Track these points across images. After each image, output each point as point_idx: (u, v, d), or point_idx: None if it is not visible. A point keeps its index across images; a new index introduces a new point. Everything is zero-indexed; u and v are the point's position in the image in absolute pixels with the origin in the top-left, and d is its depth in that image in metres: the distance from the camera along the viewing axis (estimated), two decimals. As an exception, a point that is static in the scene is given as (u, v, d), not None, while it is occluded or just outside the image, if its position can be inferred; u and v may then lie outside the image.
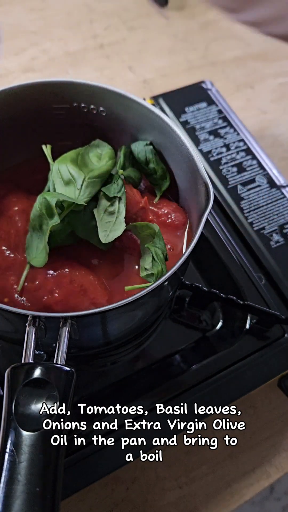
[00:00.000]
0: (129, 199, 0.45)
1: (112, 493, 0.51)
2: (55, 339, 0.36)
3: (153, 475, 0.52)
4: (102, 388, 0.51)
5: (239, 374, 0.51)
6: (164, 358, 0.54)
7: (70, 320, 0.36)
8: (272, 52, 0.92)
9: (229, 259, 0.57)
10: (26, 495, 0.29)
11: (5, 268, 0.43)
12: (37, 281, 0.42)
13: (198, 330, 0.56)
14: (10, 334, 0.44)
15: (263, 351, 0.53)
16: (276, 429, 0.56)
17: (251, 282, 0.56)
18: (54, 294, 0.41)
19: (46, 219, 0.41)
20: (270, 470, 0.54)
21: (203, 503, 0.52)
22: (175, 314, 0.56)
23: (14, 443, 0.30)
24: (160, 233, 0.44)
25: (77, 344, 0.43)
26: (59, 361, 0.35)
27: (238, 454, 0.54)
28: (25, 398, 0.31)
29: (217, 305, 0.57)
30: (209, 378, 0.51)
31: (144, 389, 0.51)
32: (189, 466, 0.53)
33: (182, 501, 0.51)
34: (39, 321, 0.36)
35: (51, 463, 0.30)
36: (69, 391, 0.33)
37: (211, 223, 0.59)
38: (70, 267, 0.43)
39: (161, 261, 0.43)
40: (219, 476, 0.53)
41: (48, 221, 0.41)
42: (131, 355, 0.53)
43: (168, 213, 0.49)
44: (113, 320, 0.41)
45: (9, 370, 0.33)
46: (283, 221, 0.61)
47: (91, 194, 0.44)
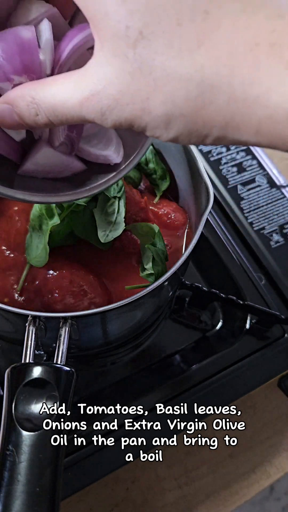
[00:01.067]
0: (129, 199, 0.45)
1: (112, 493, 0.51)
2: (55, 339, 0.36)
3: (153, 475, 0.52)
4: (102, 388, 0.51)
5: (239, 374, 0.51)
6: (164, 358, 0.54)
7: (70, 320, 0.36)
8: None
9: (229, 259, 0.57)
10: (26, 495, 0.29)
11: (5, 268, 0.43)
12: (37, 281, 0.42)
13: (198, 330, 0.56)
14: (10, 334, 0.44)
15: (263, 351, 0.53)
16: (276, 429, 0.56)
17: (251, 282, 0.56)
18: (54, 294, 0.41)
19: (46, 219, 0.41)
20: (270, 470, 0.54)
21: (203, 503, 0.52)
22: (175, 314, 0.56)
23: (14, 443, 0.30)
24: (160, 233, 0.44)
25: (77, 344, 0.43)
26: (59, 361, 0.35)
27: (238, 454, 0.54)
28: (25, 398, 0.31)
29: (217, 305, 0.57)
30: (209, 378, 0.51)
31: (144, 389, 0.51)
32: (189, 466, 0.53)
33: (182, 501, 0.51)
34: (39, 321, 0.36)
35: (51, 463, 0.30)
36: (69, 391, 0.33)
37: (211, 223, 0.59)
38: (70, 267, 0.43)
39: (161, 261, 0.43)
40: (219, 476, 0.53)
41: (48, 221, 0.41)
42: (131, 355, 0.53)
43: (168, 213, 0.49)
44: (113, 320, 0.41)
45: (9, 370, 0.33)
46: (283, 221, 0.61)
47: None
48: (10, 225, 0.45)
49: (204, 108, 0.21)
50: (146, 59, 0.21)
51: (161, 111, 0.22)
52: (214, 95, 0.21)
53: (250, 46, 0.20)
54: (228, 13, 0.20)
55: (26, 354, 0.35)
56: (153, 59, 0.21)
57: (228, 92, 0.21)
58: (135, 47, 0.21)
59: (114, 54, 0.22)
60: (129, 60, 0.22)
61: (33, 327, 0.35)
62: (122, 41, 0.21)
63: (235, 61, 0.20)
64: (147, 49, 0.21)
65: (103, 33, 0.22)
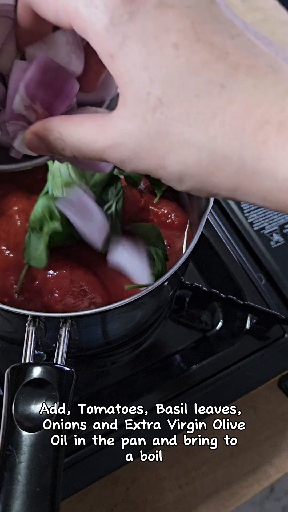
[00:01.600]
0: (129, 199, 0.45)
1: (112, 493, 0.51)
2: (55, 339, 0.36)
3: (153, 475, 0.52)
4: (102, 388, 0.51)
5: (239, 374, 0.51)
6: (164, 358, 0.54)
7: (70, 320, 0.36)
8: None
9: (229, 259, 0.57)
10: (26, 495, 0.29)
11: (4, 268, 0.43)
12: (36, 281, 0.42)
13: (198, 330, 0.56)
14: (10, 334, 0.44)
15: (263, 351, 0.53)
16: (276, 429, 0.56)
17: (251, 282, 0.56)
18: (54, 294, 0.41)
19: (48, 222, 0.41)
20: (270, 470, 0.54)
21: (203, 503, 0.52)
22: (175, 314, 0.56)
23: (14, 443, 0.30)
24: (160, 233, 0.44)
25: (77, 344, 0.43)
26: (59, 361, 0.34)
27: (238, 454, 0.54)
28: (25, 398, 0.31)
29: (217, 305, 0.57)
30: (209, 378, 0.51)
31: (144, 389, 0.51)
32: (189, 466, 0.53)
33: (182, 501, 0.51)
34: (39, 321, 0.36)
35: (51, 463, 0.30)
36: (69, 391, 0.33)
37: (211, 223, 0.59)
38: (70, 267, 0.43)
39: (161, 261, 0.43)
40: (219, 476, 0.53)
41: (49, 223, 0.41)
42: (131, 355, 0.53)
43: (168, 213, 0.49)
44: (113, 320, 0.41)
45: (9, 370, 0.33)
46: (283, 221, 0.61)
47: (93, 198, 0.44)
48: (10, 225, 0.45)
49: (214, 174, 0.23)
50: (163, 124, 0.23)
51: (174, 169, 0.24)
52: (225, 164, 0.23)
53: (260, 123, 0.22)
54: (242, 89, 0.22)
55: (26, 354, 0.35)
56: (170, 124, 0.23)
57: (238, 162, 0.23)
58: (154, 113, 0.23)
59: (135, 114, 0.24)
60: (148, 123, 0.24)
61: (33, 327, 0.35)
62: (143, 104, 0.23)
63: (246, 136, 0.22)
64: (165, 115, 0.23)
65: (126, 94, 0.24)
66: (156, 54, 0.23)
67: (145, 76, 0.23)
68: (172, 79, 0.23)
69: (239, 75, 0.22)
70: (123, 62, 0.23)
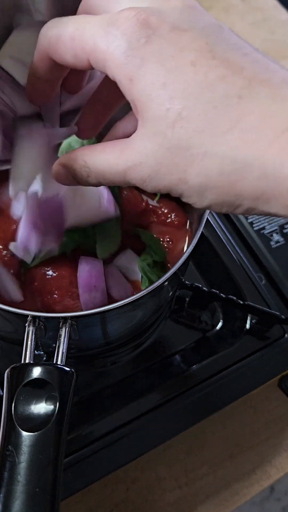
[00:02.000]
0: (130, 200, 0.45)
1: (112, 494, 0.51)
2: (55, 339, 0.36)
3: (153, 475, 0.52)
4: (102, 388, 0.51)
5: (239, 374, 0.51)
6: (164, 358, 0.54)
7: (70, 320, 0.36)
8: (273, 51, 0.92)
9: (229, 259, 0.57)
10: (25, 496, 0.29)
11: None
12: (35, 282, 0.42)
13: (198, 330, 0.56)
14: (10, 334, 0.44)
15: (263, 351, 0.53)
16: (276, 429, 0.56)
17: (251, 282, 0.56)
18: (54, 295, 0.41)
19: None
20: (270, 470, 0.54)
21: (203, 504, 0.52)
22: (175, 314, 0.56)
23: (14, 443, 0.30)
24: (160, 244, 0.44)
25: (77, 344, 0.43)
26: (59, 361, 0.34)
27: (238, 454, 0.54)
28: (25, 398, 0.31)
29: (217, 305, 0.57)
30: (209, 378, 0.51)
31: (145, 389, 0.51)
32: (189, 466, 0.53)
33: (182, 501, 0.51)
34: (38, 321, 0.36)
35: (51, 463, 0.30)
36: (69, 391, 0.33)
37: (211, 223, 0.59)
38: (70, 268, 0.43)
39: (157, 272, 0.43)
40: (219, 476, 0.53)
41: None
42: (131, 355, 0.53)
43: (168, 213, 0.49)
44: (113, 320, 0.41)
45: (9, 370, 0.33)
46: (283, 221, 0.61)
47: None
48: (8, 224, 0.45)
49: (236, 183, 0.24)
50: (184, 138, 0.24)
51: (196, 182, 0.25)
52: (247, 172, 0.23)
53: (277, 132, 0.22)
54: (259, 99, 0.23)
55: (25, 354, 0.35)
56: (190, 137, 0.24)
57: (260, 169, 0.23)
58: (173, 127, 0.24)
59: (154, 132, 0.25)
60: (168, 138, 0.24)
61: (32, 327, 0.35)
62: (162, 121, 0.24)
63: (267, 143, 0.23)
64: (184, 129, 0.24)
65: (145, 114, 0.25)
66: (174, 72, 0.24)
67: (164, 93, 0.24)
68: (190, 93, 0.23)
69: (256, 87, 0.23)
70: (142, 83, 0.24)
